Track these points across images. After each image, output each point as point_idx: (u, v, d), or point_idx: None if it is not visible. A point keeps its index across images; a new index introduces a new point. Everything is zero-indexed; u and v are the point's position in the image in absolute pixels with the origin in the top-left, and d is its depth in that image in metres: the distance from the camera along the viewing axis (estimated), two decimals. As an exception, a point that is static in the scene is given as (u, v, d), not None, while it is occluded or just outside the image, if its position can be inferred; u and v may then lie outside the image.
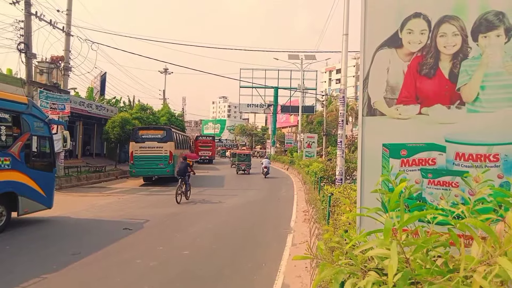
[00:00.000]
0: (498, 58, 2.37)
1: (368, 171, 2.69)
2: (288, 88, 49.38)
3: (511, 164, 2.35)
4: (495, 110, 2.39)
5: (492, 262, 1.49)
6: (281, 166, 39.48)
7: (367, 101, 2.69)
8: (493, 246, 1.51)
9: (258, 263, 6.91)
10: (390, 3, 2.63)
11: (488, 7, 2.39)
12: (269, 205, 14.42)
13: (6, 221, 8.90)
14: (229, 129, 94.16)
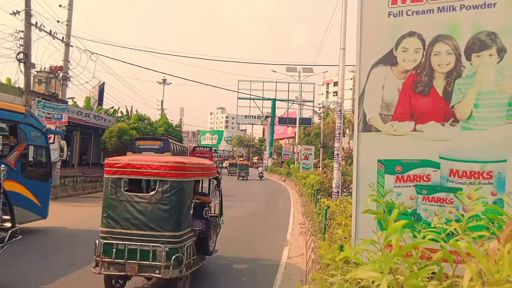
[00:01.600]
0: (491, 77, 2.42)
1: (363, 187, 2.71)
2: (285, 100, 49.66)
3: (504, 181, 2.38)
4: (488, 128, 2.42)
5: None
6: (278, 178, 39.44)
7: (363, 117, 2.73)
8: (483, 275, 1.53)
9: (253, 276, 6.87)
10: (385, 21, 2.69)
11: (481, 27, 2.45)
12: (266, 217, 14.38)
13: (0, 231, 8.82)
14: (227, 140, 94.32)
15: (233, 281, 6.59)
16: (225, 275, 6.96)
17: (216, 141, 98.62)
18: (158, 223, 5.14)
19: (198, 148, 45.42)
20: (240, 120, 55.88)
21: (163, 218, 5.17)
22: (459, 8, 2.50)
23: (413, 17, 2.61)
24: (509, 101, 2.37)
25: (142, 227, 5.15)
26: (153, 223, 5.14)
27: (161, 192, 5.21)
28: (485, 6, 2.44)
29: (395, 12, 2.66)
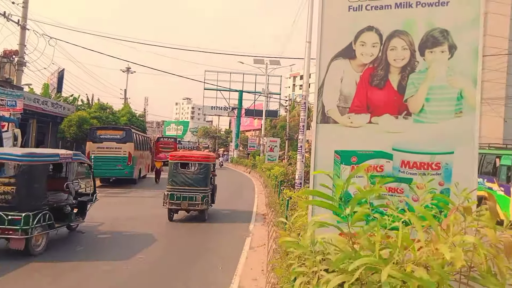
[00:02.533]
0: (442, 72, 2.53)
1: (320, 177, 2.76)
2: (252, 92, 49.60)
3: (451, 172, 2.51)
4: (438, 121, 2.54)
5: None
6: (244, 170, 39.53)
7: (321, 109, 2.78)
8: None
9: (214, 266, 6.89)
10: (345, 15, 2.73)
11: (434, 25, 2.54)
12: (229, 208, 14.39)
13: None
14: (192, 131, 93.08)
15: (194, 273, 6.58)
16: (186, 266, 6.93)
17: (182, 132, 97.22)
18: (197, 183, 10.62)
19: (162, 139, 44.60)
20: (206, 111, 55.29)
21: (199, 180, 10.70)
22: (415, 5, 2.59)
23: (372, 12, 2.67)
24: (458, 96, 2.49)
25: (188, 185, 10.55)
26: (194, 183, 10.59)
27: (198, 168, 10.95)
28: (439, 4, 2.54)
29: (355, 6, 2.71)
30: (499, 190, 14.14)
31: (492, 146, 17.44)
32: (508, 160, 14.09)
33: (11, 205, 6.58)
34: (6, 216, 6.48)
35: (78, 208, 8.59)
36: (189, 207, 10.51)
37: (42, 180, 7.18)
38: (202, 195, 10.44)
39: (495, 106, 29.82)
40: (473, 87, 2.46)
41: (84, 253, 7.51)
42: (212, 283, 6.08)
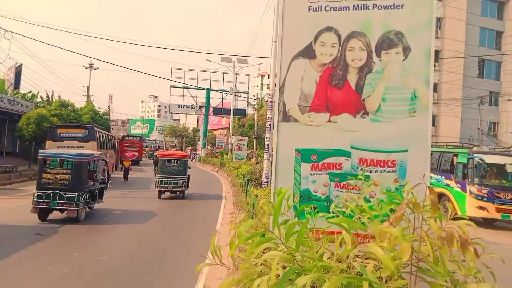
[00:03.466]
0: (397, 73, 2.62)
1: (281, 175, 2.80)
2: (220, 90, 49.40)
3: (406, 169, 2.61)
4: (394, 120, 2.63)
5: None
6: (211, 168, 39.31)
7: (283, 107, 2.81)
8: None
9: (181, 266, 6.81)
10: (305, 15, 2.78)
11: (390, 27, 2.63)
12: (196, 208, 14.28)
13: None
14: (159, 130, 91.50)
15: (159, 273, 6.48)
16: (151, 267, 6.82)
17: (148, 131, 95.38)
18: (178, 173, 14.91)
19: (127, 137, 43.61)
20: (173, 109, 54.46)
21: (179, 171, 14.96)
22: (372, 7, 2.67)
23: (331, 13, 2.73)
24: (412, 96, 2.60)
25: (172, 174, 14.78)
26: (176, 172, 14.83)
27: (179, 163, 15.11)
28: (394, 7, 2.63)
29: (314, 7, 2.76)
30: (456, 187, 14.84)
31: (450, 145, 18.27)
32: (464, 158, 14.81)
33: (68, 187, 9.81)
34: (64, 195, 9.68)
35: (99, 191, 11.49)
36: (173, 189, 15.25)
37: (85, 172, 10.48)
38: (182, 181, 15.20)
39: (453, 106, 31.25)
40: (426, 88, 2.57)
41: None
42: (178, 284, 6.02)
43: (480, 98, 29.78)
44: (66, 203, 9.68)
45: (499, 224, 14.64)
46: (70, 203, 9.70)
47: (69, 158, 10.42)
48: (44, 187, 9.76)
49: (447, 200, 15.25)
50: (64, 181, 9.86)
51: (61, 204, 9.69)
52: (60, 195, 9.65)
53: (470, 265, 2.00)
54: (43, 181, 9.89)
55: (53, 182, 9.84)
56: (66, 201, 9.67)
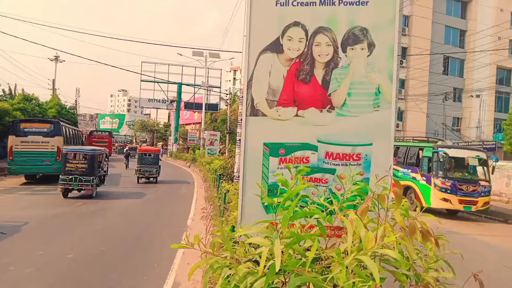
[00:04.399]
0: (362, 69, 2.68)
1: (250, 169, 2.81)
2: (192, 84, 48.79)
3: (370, 163, 2.68)
4: (358, 115, 2.69)
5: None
6: (183, 164, 38.91)
7: (251, 102, 2.81)
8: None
9: (150, 263, 6.73)
10: (273, 10, 2.78)
11: (355, 23, 2.68)
12: (167, 203, 14.12)
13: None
14: (129, 124, 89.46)
15: (127, 270, 6.38)
16: (119, 264, 6.70)
17: (117, 126, 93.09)
18: (152, 163, 19.65)
19: (95, 132, 42.45)
20: (143, 104, 53.35)
21: (154, 161, 19.76)
22: (338, 3, 2.71)
23: (298, 8, 2.75)
24: (376, 91, 2.66)
25: (148, 164, 19.50)
26: (151, 163, 19.56)
27: (153, 156, 19.77)
28: (359, 3, 2.68)
29: (282, 1, 2.77)
30: (422, 180, 15.37)
31: (416, 139, 18.88)
32: (429, 152, 15.34)
33: (85, 173, 13.44)
34: (83, 178, 13.29)
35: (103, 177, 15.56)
36: (148, 176, 19.87)
37: (96, 162, 14.05)
38: (155, 169, 19.84)
39: (419, 102, 32.27)
40: (390, 83, 2.63)
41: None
42: (146, 280, 5.94)
43: (444, 94, 30.88)
44: (84, 184, 13.32)
45: (461, 215, 15.31)
46: (87, 184, 13.37)
47: (86, 152, 14.09)
48: (68, 173, 13.30)
49: (413, 192, 15.79)
50: (82, 169, 13.47)
51: (80, 185, 13.31)
52: (79, 179, 13.25)
53: (430, 255, 2.09)
54: (67, 168, 13.39)
55: (74, 169, 13.42)
56: (84, 183, 13.31)
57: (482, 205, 14.37)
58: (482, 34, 34.94)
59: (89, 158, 13.79)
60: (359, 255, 1.58)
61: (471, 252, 9.34)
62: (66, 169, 13.35)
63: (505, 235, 11.75)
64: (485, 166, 15.15)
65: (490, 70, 37.05)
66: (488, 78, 36.56)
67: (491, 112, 37.98)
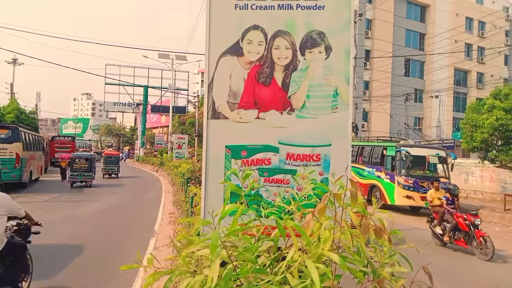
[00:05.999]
0: (320, 71, 2.74)
1: (212, 172, 2.81)
2: (158, 87, 48.06)
3: (329, 163, 2.74)
4: (317, 116, 2.75)
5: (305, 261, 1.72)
6: (151, 168, 38.21)
7: (212, 104, 2.81)
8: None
9: (115, 271, 6.56)
10: (232, 13, 2.80)
11: (313, 27, 2.74)
12: (134, 209, 13.83)
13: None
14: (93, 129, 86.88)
15: (91, 279, 6.20)
16: (82, 272, 6.49)
17: (81, 130, 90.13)
18: (114, 163, 26.96)
19: (58, 137, 40.90)
20: (108, 108, 51.94)
21: (115, 162, 27.17)
22: (296, 7, 2.76)
23: (257, 11, 2.78)
24: (334, 93, 2.73)
25: (111, 164, 26.79)
26: (113, 163, 26.88)
27: (114, 158, 27.35)
28: (316, 7, 2.74)
29: (241, 4, 2.79)
30: (386, 178, 15.87)
31: (380, 139, 19.48)
32: (392, 151, 15.87)
33: (86, 169, 19.56)
34: (85, 174, 19.54)
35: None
36: (111, 173, 26.40)
37: (94, 162, 20.52)
38: (117, 167, 26.56)
39: (382, 103, 33.30)
40: (346, 85, 2.72)
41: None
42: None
43: (406, 95, 32.03)
44: (86, 177, 19.69)
45: (423, 211, 15.92)
46: (88, 178, 19.78)
47: (86, 156, 20.53)
48: (75, 170, 19.42)
49: (378, 191, 16.27)
50: (84, 167, 19.63)
51: (84, 178, 19.63)
52: (82, 174, 19.56)
53: (385, 251, 2.17)
54: (74, 167, 19.45)
55: (78, 167, 19.55)
56: (86, 177, 19.67)
57: (442, 201, 15.01)
58: (440, 37, 36.57)
59: (89, 160, 19.88)
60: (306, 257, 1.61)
61: (432, 246, 9.73)
62: (74, 168, 19.43)
63: (463, 229, 12.28)
64: (445, 164, 15.85)
65: (448, 71, 38.79)
66: (446, 79, 38.26)
67: (449, 112, 39.74)
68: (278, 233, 2.10)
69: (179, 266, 1.99)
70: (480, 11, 40.05)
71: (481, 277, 7.42)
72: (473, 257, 8.64)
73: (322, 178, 2.73)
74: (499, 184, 20.60)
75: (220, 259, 1.60)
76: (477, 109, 16.16)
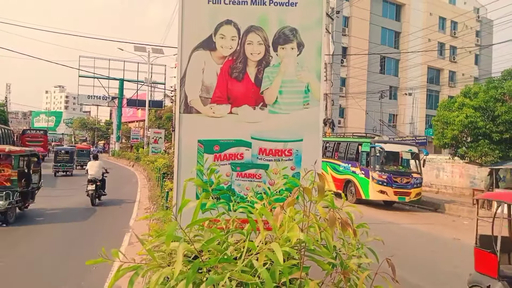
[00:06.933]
0: (292, 68, 2.78)
1: (184, 166, 2.81)
2: (134, 81, 47.13)
3: (301, 158, 2.79)
4: (290, 112, 2.79)
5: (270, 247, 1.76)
6: (127, 163, 37.58)
7: (184, 99, 2.80)
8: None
9: (87, 267, 6.45)
10: (205, 7, 2.79)
11: (285, 23, 2.77)
12: (109, 204, 13.59)
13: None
14: (67, 123, 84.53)
15: (63, 276, 6.08)
16: (54, 270, 6.36)
17: (54, 124, 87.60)
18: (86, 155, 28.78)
19: (29, 131, 39.61)
20: (82, 101, 50.57)
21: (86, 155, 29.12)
22: (268, 3, 2.78)
23: (230, 6, 2.78)
24: (305, 89, 2.77)
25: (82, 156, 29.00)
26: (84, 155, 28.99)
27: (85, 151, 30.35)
28: (289, 4, 2.77)
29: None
30: (361, 173, 16.17)
31: (356, 135, 19.81)
32: (367, 147, 16.17)
33: (68, 161, 23.31)
34: (67, 164, 23.25)
35: None
36: (83, 164, 25.69)
37: (75, 155, 25.38)
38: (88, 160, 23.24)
39: (358, 99, 33.84)
40: (318, 82, 2.76)
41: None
42: (84, 285, 5.71)
43: (381, 92, 32.66)
44: (68, 167, 22.92)
45: (396, 205, 16.33)
46: (70, 168, 23.01)
47: (67, 149, 24.07)
48: (58, 162, 22.67)
49: (353, 186, 16.57)
50: (66, 159, 22.90)
51: (66, 168, 22.77)
52: (65, 165, 22.81)
53: (353, 243, 2.23)
54: (57, 159, 22.83)
55: (61, 159, 22.82)
56: (68, 167, 22.86)
57: (414, 196, 15.45)
58: (414, 36, 37.40)
59: (70, 152, 23.37)
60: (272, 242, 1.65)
61: (404, 239, 10.02)
62: (57, 159, 22.89)
63: (434, 223, 12.73)
64: (417, 160, 16.28)
65: (422, 69, 39.77)
66: (420, 77, 39.22)
67: (423, 109, 40.80)
68: (250, 226, 2.14)
69: (153, 260, 2.00)
70: (452, 11, 41.21)
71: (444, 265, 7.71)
72: (443, 247, 8.96)
73: (293, 173, 2.77)
74: (468, 180, 21.36)
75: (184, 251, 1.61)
76: (448, 106, 16.66)
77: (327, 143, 19.37)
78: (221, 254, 1.79)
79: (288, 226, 1.94)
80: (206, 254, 1.89)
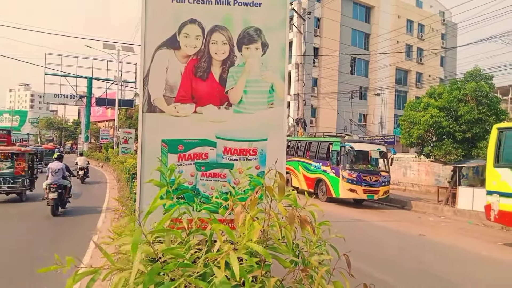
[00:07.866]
0: (257, 67, 2.79)
1: (148, 166, 2.77)
2: (104, 79, 45.90)
3: (265, 157, 2.81)
4: (254, 112, 2.80)
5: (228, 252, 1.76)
6: (96, 164, 36.63)
7: (147, 98, 2.77)
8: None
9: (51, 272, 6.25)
10: (169, 6, 2.76)
11: (250, 23, 2.78)
12: (76, 205, 13.20)
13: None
14: (32, 122, 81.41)
15: (24, 281, 5.86)
16: (19, 276, 6.12)
17: (18, 123, 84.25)
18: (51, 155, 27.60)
19: (-9, 131, 37.87)
20: (49, 99, 48.72)
21: (52, 154, 26.66)
22: (233, 3, 2.78)
23: (194, 5, 2.77)
24: (270, 89, 2.80)
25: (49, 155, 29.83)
26: (50, 154, 29.46)
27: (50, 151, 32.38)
28: (253, 4, 2.78)
29: (178, -2, 2.76)
30: (331, 172, 16.44)
31: (326, 135, 20.12)
32: (337, 146, 16.46)
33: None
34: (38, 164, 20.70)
35: None
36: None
37: (43, 155, 27.12)
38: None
39: (330, 100, 34.37)
40: (282, 82, 2.79)
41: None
42: None
43: (351, 92, 33.31)
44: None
45: (366, 203, 16.72)
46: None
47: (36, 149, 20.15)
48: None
49: (324, 184, 16.83)
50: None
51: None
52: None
53: (314, 241, 2.27)
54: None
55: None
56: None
57: (383, 194, 15.88)
58: (383, 38, 38.37)
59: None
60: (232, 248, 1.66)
61: (371, 236, 10.27)
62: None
63: (401, 220, 13.12)
64: (385, 158, 16.73)
65: (390, 71, 40.87)
66: (389, 78, 40.30)
67: (391, 109, 41.93)
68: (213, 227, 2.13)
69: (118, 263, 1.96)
70: (419, 14, 42.59)
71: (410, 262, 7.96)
72: (409, 243, 9.24)
73: (258, 172, 2.79)
74: (434, 177, 22.14)
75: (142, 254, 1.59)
76: (414, 107, 17.18)
77: (299, 142, 19.58)
78: (179, 257, 1.78)
79: (248, 225, 1.95)
80: (166, 256, 1.87)
